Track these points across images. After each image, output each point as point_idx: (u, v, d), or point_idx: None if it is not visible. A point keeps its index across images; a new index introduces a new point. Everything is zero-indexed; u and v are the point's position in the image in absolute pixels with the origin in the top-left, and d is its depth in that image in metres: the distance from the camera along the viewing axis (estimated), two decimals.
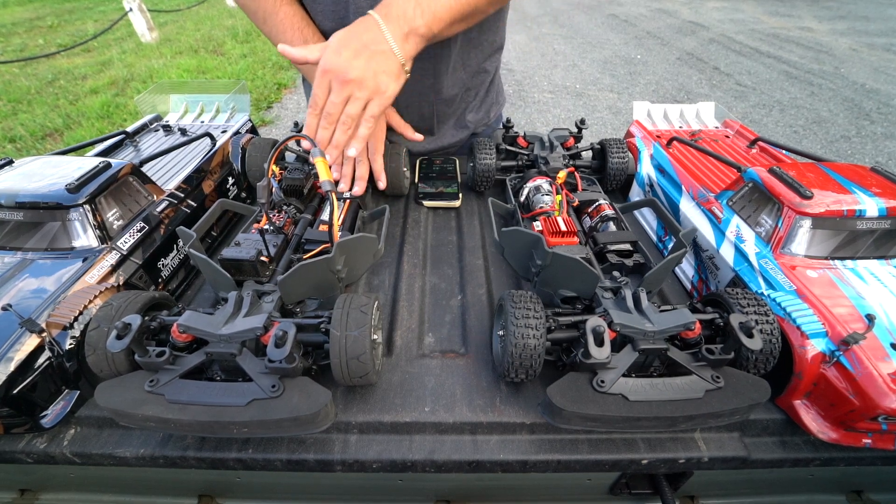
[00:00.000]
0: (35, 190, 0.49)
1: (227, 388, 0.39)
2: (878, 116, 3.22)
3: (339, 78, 0.52)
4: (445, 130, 0.88)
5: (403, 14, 0.54)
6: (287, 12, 0.70)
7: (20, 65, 4.01)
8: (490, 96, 0.91)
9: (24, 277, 0.46)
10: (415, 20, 0.55)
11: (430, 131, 0.86)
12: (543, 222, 0.56)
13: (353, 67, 0.52)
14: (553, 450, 0.43)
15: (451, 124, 0.87)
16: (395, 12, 0.54)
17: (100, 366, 0.40)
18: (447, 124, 0.87)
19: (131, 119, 3.04)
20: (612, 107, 3.46)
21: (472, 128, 0.90)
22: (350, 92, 0.53)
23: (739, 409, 0.39)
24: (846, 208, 0.48)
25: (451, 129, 0.88)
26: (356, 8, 0.67)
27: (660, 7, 6.53)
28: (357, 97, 0.54)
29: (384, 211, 0.63)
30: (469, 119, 0.88)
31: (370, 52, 0.53)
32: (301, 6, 0.72)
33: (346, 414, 0.44)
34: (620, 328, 0.40)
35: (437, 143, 0.88)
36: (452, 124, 0.88)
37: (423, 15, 0.55)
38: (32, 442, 0.43)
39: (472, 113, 0.88)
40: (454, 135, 0.88)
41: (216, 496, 0.54)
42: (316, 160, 0.52)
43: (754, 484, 0.52)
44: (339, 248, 0.47)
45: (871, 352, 0.39)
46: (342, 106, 0.55)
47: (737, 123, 0.83)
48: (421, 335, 0.52)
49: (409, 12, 0.54)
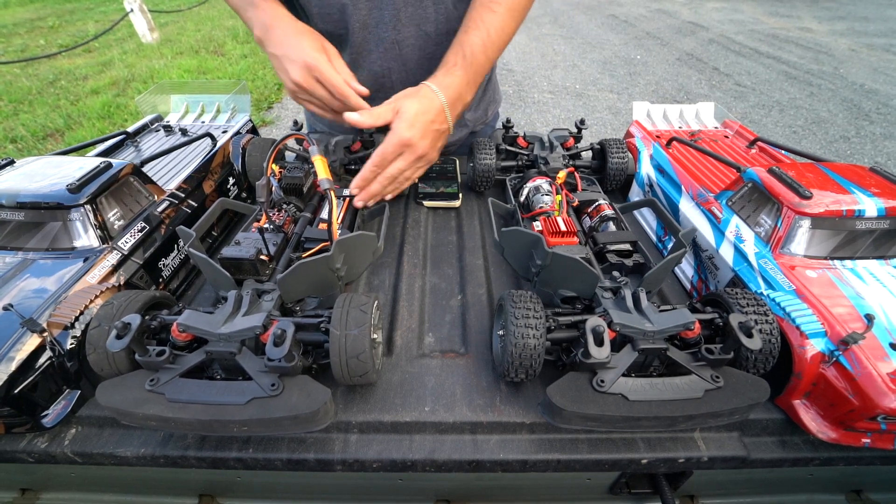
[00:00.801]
0: (36, 190, 0.49)
1: (227, 387, 0.39)
2: (878, 117, 3.22)
3: (413, 152, 0.58)
4: None
5: (459, 96, 0.61)
6: None
7: (21, 65, 4.02)
8: (487, 95, 0.91)
9: (25, 277, 0.46)
10: (466, 97, 0.63)
11: None
12: (543, 222, 0.56)
13: (423, 145, 0.58)
14: (553, 449, 0.43)
15: None
16: (454, 95, 0.60)
17: (100, 365, 0.40)
18: None
19: (132, 119, 3.04)
20: (612, 107, 3.46)
21: (471, 126, 0.90)
22: (419, 165, 0.61)
23: (739, 408, 0.39)
24: (845, 208, 0.48)
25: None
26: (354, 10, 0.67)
27: (659, 7, 6.53)
28: (419, 167, 0.61)
29: (384, 209, 0.64)
30: (468, 118, 0.89)
31: (436, 132, 0.59)
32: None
33: (347, 413, 0.44)
34: (620, 328, 0.40)
35: None
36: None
37: (471, 90, 0.63)
38: (33, 441, 0.43)
39: (469, 112, 0.89)
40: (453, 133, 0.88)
41: (217, 496, 0.54)
42: (315, 159, 0.53)
43: (754, 483, 0.52)
44: (339, 247, 0.47)
45: (871, 352, 0.39)
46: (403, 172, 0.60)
47: (736, 124, 0.83)
48: (421, 335, 0.52)
49: (463, 92, 0.61)
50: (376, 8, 0.68)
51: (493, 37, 0.62)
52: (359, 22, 0.69)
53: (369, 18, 0.69)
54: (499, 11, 0.62)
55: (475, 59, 0.61)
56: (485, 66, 0.63)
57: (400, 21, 0.69)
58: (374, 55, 0.73)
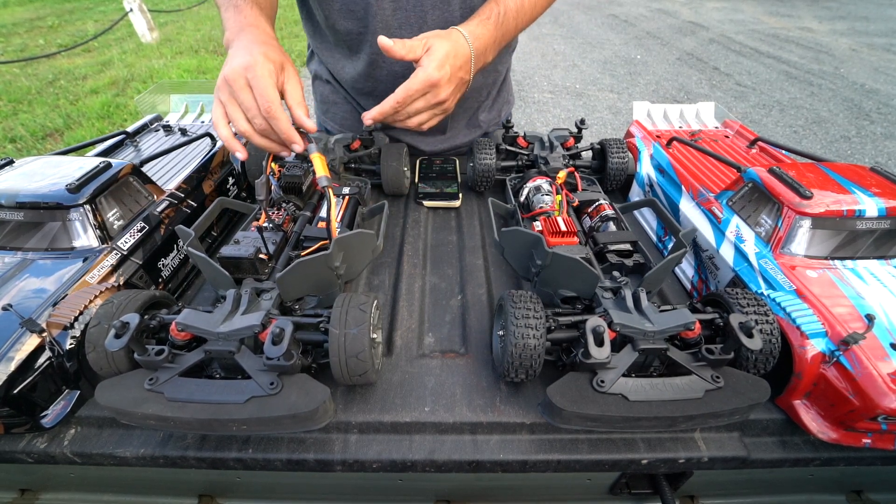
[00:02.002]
0: (35, 190, 0.49)
1: (226, 386, 0.39)
2: (878, 116, 3.21)
3: (436, 94, 0.57)
4: (458, 130, 0.88)
5: (485, 51, 0.60)
6: None
7: (21, 65, 4.01)
8: (502, 96, 0.91)
9: (24, 277, 0.46)
10: (489, 55, 0.61)
11: (443, 131, 0.86)
12: (543, 222, 0.56)
13: (448, 90, 0.57)
14: (553, 450, 0.43)
15: (463, 124, 0.88)
16: (481, 48, 0.59)
17: (100, 364, 0.40)
18: (460, 124, 0.87)
19: (131, 119, 3.04)
20: (612, 107, 3.45)
21: (485, 127, 0.90)
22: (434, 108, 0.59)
23: (739, 409, 0.39)
24: (846, 208, 0.48)
25: (464, 128, 0.88)
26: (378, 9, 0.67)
27: (660, 7, 6.53)
28: (435, 114, 0.60)
29: (383, 207, 0.63)
30: (482, 119, 0.88)
31: (459, 80, 0.58)
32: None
33: (346, 414, 0.44)
34: (620, 328, 0.40)
35: (450, 143, 0.88)
36: (465, 124, 0.88)
37: (493, 51, 0.62)
38: (33, 442, 0.43)
39: (484, 112, 0.88)
40: (466, 134, 0.89)
41: (216, 496, 0.54)
42: (313, 156, 0.52)
43: (754, 484, 0.52)
44: (338, 245, 0.47)
45: (871, 352, 0.39)
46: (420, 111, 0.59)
47: (736, 123, 0.83)
48: (421, 335, 0.52)
49: (489, 49, 0.60)
50: (401, 9, 0.68)
51: (527, 6, 0.62)
52: (382, 22, 0.68)
53: (393, 19, 0.68)
54: None
55: (507, 20, 0.61)
56: (512, 31, 0.62)
57: (426, 23, 0.69)
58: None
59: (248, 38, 0.54)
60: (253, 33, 0.55)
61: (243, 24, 0.57)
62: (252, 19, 0.57)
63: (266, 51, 0.52)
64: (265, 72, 0.49)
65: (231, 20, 0.58)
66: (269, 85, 0.49)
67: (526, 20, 0.64)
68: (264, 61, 0.50)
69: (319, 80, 0.89)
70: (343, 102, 0.87)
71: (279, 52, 0.54)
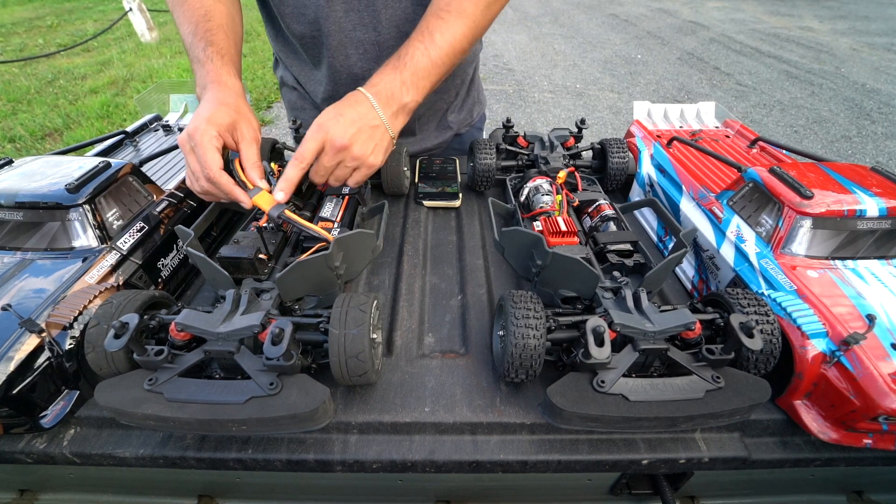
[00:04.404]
0: (35, 190, 0.49)
1: (225, 386, 0.39)
2: (879, 116, 3.21)
3: (333, 144, 0.53)
4: (428, 132, 0.88)
5: (392, 94, 0.56)
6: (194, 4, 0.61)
7: (20, 64, 4.01)
8: (471, 96, 0.91)
9: (23, 277, 0.46)
10: (402, 97, 0.57)
11: (412, 132, 0.86)
12: (543, 222, 0.56)
13: (349, 135, 0.53)
14: (553, 450, 0.43)
15: (433, 126, 0.88)
16: (385, 93, 0.56)
17: (99, 364, 0.40)
18: (429, 126, 0.88)
19: (131, 119, 3.04)
20: (613, 106, 3.45)
21: (455, 128, 0.90)
22: (341, 158, 0.54)
23: (740, 409, 0.38)
24: (847, 208, 0.48)
25: (434, 130, 0.89)
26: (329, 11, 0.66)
27: (660, 7, 6.52)
28: (347, 165, 0.55)
29: (383, 207, 0.63)
30: (451, 120, 0.88)
31: (367, 125, 0.54)
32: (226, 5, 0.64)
33: (346, 414, 0.44)
34: (621, 328, 0.40)
35: (420, 145, 0.89)
36: (435, 126, 0.88)
37: (409, 91, 0.57)
38: (32, 442, 0.42)
39: (453, 114, 0.89)
40: (437, 136, 0.89)
41: (216, 496, 0.53)
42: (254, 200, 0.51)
43: (755, 484, 0.52)
44: (337, 245, 0.47)
45: (872, 352, 0.39)
46: (332, 170, 0.55)
47: (737, 123, 0.83)
48: (421, 335, 0.52)
49: (396, 92, 0.56)
50: (353, 10, 0.67)
51: (439, 42, 0.58)
52: (335, 24, 0.68)
53: (346, 21, 0.68)
54: (447, 18, 0.59)
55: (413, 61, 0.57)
56: (430, 69, 0.58)
57: (380, 23, 0.68)
58: (353, 58, 0.72)
59: (207, 97, 0.55)
60: (212, 91, 0.56)
61: (206, 80, 0.57)
62: (213, 75, 0.57)
63: (215, 114, 0.52)
64: (205, 139, 0.50)
65: (197, 75, 0.59)
66: (207, 150, 0.50)
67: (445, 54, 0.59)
68: (206, 127, 0.51)
69: (286, 86, 0.89)
70: (311, 108, 0.86)
71: (232, 112, 0.54)
